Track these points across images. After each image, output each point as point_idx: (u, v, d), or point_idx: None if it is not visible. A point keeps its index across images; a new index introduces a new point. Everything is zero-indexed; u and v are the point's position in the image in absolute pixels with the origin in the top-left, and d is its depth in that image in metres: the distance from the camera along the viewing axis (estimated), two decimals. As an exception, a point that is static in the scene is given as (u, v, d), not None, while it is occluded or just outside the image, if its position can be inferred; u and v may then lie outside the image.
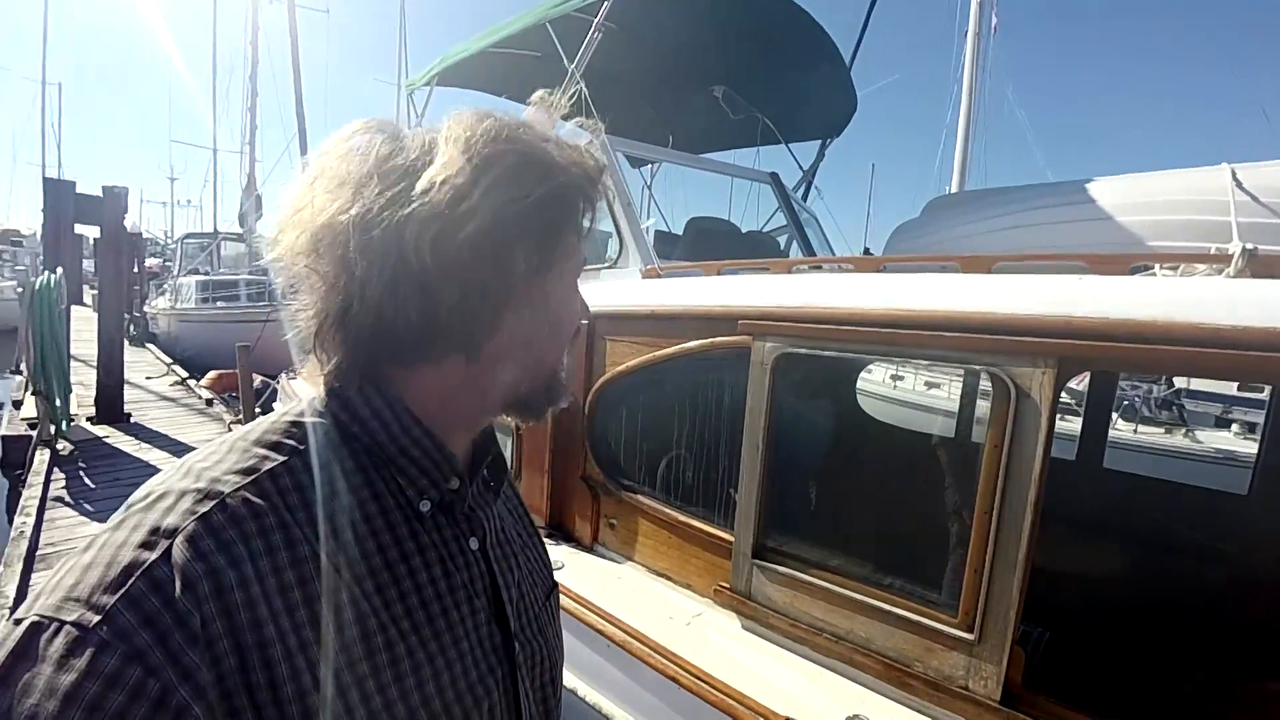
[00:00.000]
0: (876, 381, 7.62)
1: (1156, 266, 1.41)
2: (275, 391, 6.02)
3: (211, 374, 8.97)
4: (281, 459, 0.46)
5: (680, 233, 3.39)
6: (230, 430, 6.44)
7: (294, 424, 0.49)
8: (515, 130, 0.49)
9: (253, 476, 0.44)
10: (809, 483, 1.80)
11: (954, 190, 9.29)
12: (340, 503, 0.47)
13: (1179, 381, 6.84)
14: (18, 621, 0.36)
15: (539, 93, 0.58)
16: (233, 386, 8.39)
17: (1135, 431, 6.38)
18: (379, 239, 0.45)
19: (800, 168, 4.06)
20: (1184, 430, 6.47)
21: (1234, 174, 1.62)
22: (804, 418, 1.81)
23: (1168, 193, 1.75)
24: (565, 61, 2.62)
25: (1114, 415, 4.92)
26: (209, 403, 7.79)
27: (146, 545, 0.39)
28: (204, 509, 0.41)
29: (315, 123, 10.77)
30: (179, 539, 0.39)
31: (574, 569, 2.06)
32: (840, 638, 1.54)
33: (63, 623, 0.35)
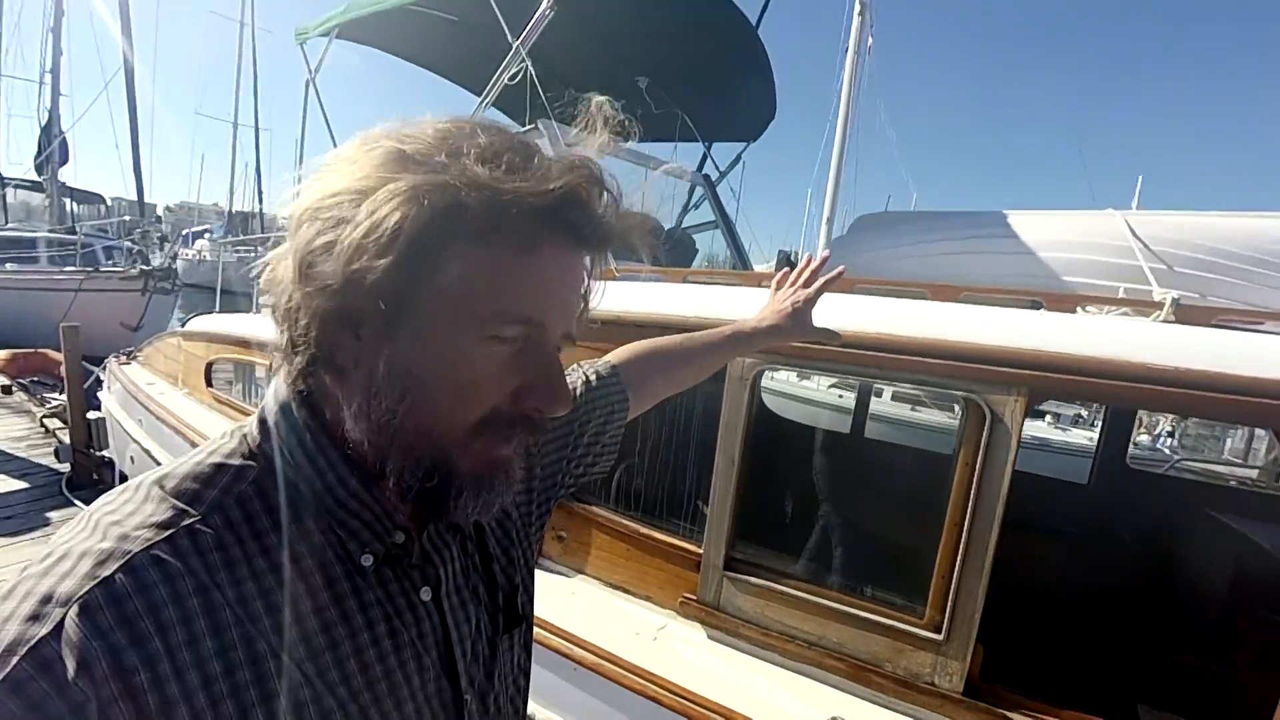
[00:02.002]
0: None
1: (1080, 307, 1.61)
2: (99, 380, 5.09)
3: (3, 354, 7.36)
4: (201, 513, 0.40)
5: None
6: (43, 426, 5.35)
7: (220, 468, 0.43)
8: (447, 136, 0.43)
9: (168, 533, 0.39)
10: (779, 494, 1.85)
11: (828, 198, 10.00)
12: (269, 561, 0.42)
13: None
14: None
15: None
16: (36, 369, 6.98)
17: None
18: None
19: (717, 168, 4.15)
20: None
21: (1127, 221, 1.89)
22: (771, 429, 1.86)
23: (1074, 233, 2.00)
24: (509, 36, 2.43)
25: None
26: (6, 390, 6.39)
27: (35, 618, 0.34)
28: (106, 572, 0.36)
29: (144, 58, 9.17)
30: (73, 609, 0.34)
31: (523, 585, 1.96)
32: (812, 643, 1.61)
33: None
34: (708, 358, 0.94)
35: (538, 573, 0.69)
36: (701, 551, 1.76)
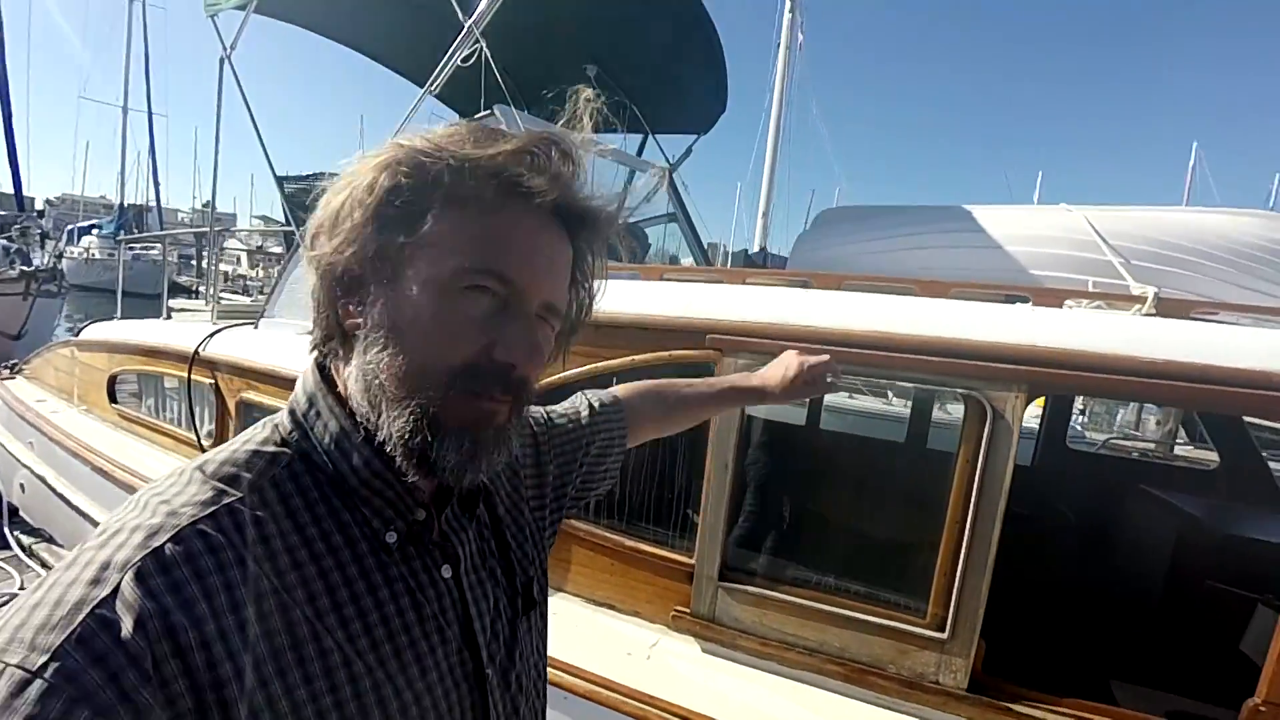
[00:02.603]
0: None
1: (1065, 302, 1.63)
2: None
3: None
4: (240, 493, 0.45)
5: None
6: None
7: (255, 454, 0.47)
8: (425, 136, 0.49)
9: (210, 510, 0.43)
10: (773, 500, 1.80)
11: (764, 193, 10.17)
12: (302, 537, 0.46)
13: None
14: None
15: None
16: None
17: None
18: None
19: (667, 160, 4.07)
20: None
21: (1088, 217, 1.96)
22: (762, 434, 1.80)
23: (1036, 228, 2.05)
24: (460, 15, 2.26)
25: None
26: None
27: (96, 582, 0.38)
28: (156, 543, 0.40)
29: (16, 34, 8.14)
30: (128, 575, 0.38)
31: (500, 608, 1.82)
32: (813, 650, 1.57)
33: (6, 665, 0.34)
34: (704, 407, 0.99)
35: None
36: (693, 562, 1.69)
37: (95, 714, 0.34)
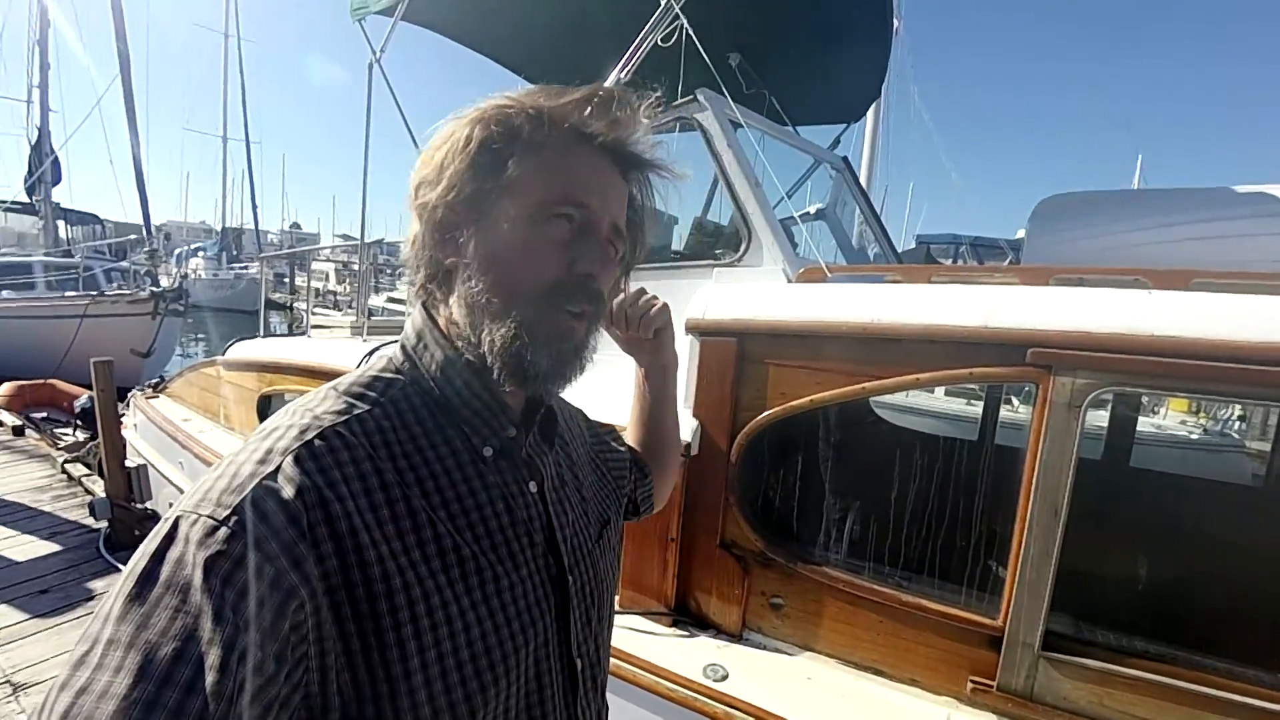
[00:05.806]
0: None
1: None
2: (119, 413, 4.65)
3: (6, 387, 6.82)
4: (367, 407, 0.54)
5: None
6: (64, 472, 4.91)
7: (376, 379, 0.57)
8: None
9: (345, 417, 0.51)
10: (1114, 547, 1.47)
11: (864, 175, 9.60)
12: (415, 445, 0.54)
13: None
14: (170, 519, 0.44)
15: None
16: (45, 403, 6.50)
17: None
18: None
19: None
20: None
21: None
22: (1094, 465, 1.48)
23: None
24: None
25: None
26: (17, 431, 5.80)
27: (263, 461, 0.46)
28: (308, 437, 0.49)
29: (134, 72, 8.69)
30: (288, 458, 0.47)
31: (740, 671, 1.57)
32: (1185, 746, 1.24)
33: (199, 515, 0.43)
34: (651, 418, 0.94)
35: (744, 650, 0.97)
36: (1000, 625, 1.39)
37: (264, 559, 0.42)
